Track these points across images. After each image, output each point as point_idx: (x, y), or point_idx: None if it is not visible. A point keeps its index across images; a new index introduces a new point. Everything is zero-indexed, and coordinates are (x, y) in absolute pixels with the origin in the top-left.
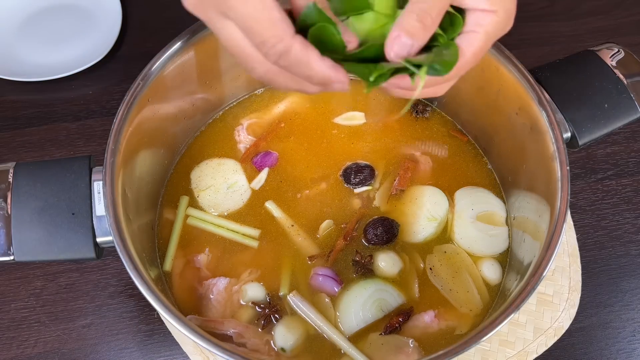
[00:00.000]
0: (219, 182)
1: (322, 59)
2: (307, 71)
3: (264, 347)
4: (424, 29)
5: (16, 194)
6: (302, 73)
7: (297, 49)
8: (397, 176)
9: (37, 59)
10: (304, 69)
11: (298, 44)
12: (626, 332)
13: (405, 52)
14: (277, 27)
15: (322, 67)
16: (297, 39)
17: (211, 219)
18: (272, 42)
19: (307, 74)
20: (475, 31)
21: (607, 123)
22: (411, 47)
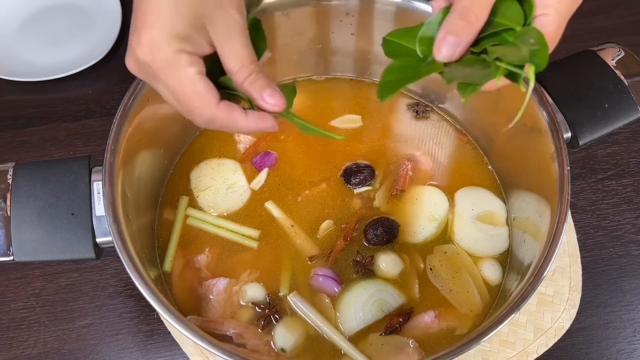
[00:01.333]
0: (218, 182)
1: (246, 117)
2: (236, 129)
3: (264, 348)
4: (468, 26)
5: (16, 194)
6: (233, 130)
7: (223, 115)
8: (397, 176)
9: (37, 59)
10: (233, 128)
11: (222, 110)
12: (627, 332)
13: (451, 52)
14: (203, 99)
15: (249, 123)
16: (221, 106)
17: (211, 219)
18: (199, 112)
19: (237, 130)
20: (546, 13)
21: (608, 123)
22: (457, 46)
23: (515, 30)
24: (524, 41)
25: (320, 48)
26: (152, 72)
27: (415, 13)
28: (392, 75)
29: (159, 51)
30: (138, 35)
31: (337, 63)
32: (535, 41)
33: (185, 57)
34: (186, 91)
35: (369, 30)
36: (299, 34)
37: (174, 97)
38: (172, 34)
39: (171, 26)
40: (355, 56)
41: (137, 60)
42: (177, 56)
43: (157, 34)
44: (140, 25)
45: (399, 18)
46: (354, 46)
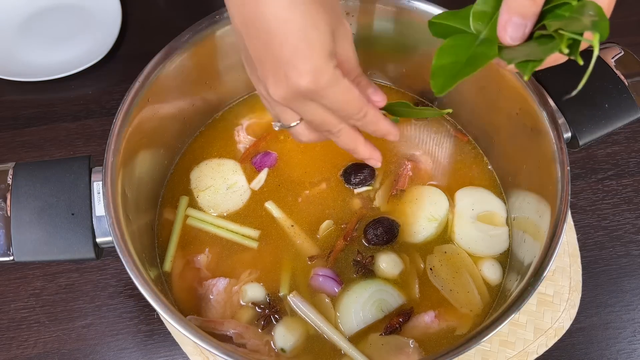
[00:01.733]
0: (218, 182)
1: (386, 118)
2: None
3: (264, 348)
4: (533, 4)
5: (16, 194)
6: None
7: (372, 113)
8: (397, 176)
9: (37, 59)
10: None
11: (372, 109)
12: (627, 332)
13: (521, 34)
14: (359, 101)
15: (386, 124)
16: (370, 105)
17: (211, 219)
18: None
19: (374, 129)
20: None
21: (608, 123)
22: (525, 27)
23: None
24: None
25: None
26: (313, 96)
27: (415, 13)
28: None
29: (323, 75)
30: (294, 67)
31: None
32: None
33: (338, 70)
34: (347, 99)
35: (369, 30)
36: None
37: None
38: (327, 55)
39: (324, 48)
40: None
41: (296, 90)
42: (335, 73)
43: (318, 60)
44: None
45: (399, 18)
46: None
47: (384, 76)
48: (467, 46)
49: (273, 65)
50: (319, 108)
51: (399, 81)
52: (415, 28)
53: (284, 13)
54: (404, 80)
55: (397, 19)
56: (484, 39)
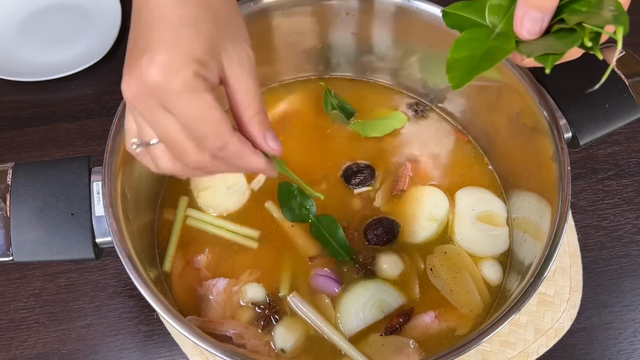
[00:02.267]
0: (218, 182)
1: (255, 153)
2: (242, 163)
3: (264, 348)
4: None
5: (15, 194)
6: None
7: (235, 145)
8: (397, 176)
9: (37, 59)
10: (239, 161)
11: (236, 140)
12: (627, 332)
13: (538, 28)
14: (219, 125)
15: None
16: (235, 136)
17: (210, 219)
18: (212, 138)
19: (241, 164)
20: None
21: (608, 123)
22: (542, 21)
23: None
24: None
25: (321, 48)
26: (160, 97)
27: (415, 13)
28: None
29: (177, 74)
30: (150, 56)
31: (337, 63)
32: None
33: (203, 82)
34: (202, 117)
35: (369, 30)
36: (299, 34)
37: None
38: (192, 58)
39: (192, 49)
40: (355, 56)
41: (144, 83)
42: (195, 80)
43: (176, 56)
44: (153, 45)
45: (399, 18)
46: (354, 46)
47: (383, 76)
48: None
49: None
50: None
51: (398, 81)
52: (415, 28)
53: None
54: (403, 80)
55: (397, 19)
56: (500, 32)
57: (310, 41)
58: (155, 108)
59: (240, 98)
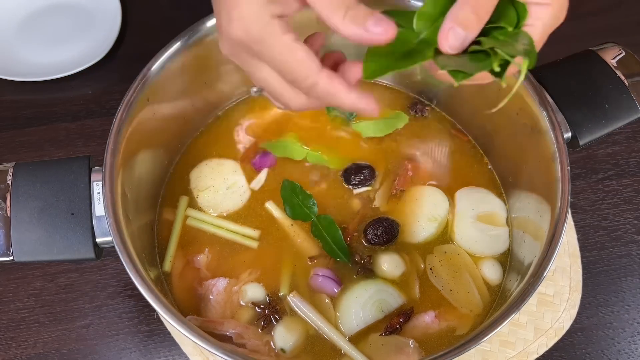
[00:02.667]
0: (218, 182)
1: (349, 91)
2: (336, 101)
3: (264, 348)
4: (477, 20)
5: (15, 194)
6: (332, 103)
7: (324, 83)
8: (397, 176)
9: (37, 59)
10: (333, 99)
11: (324, 78)
12: (627, 332)
13: (459, 44)
14: (304, 66)
15: (350, 98)
16: (323, 73)
17: (210, 219)
18: (301, 80)
19: (336, 102)
20: (533, 24)
21: (608, 123)
22: (465, 39)
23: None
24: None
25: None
26: (248, 49)
27: None
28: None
29: (252, 24)
30: (227, 14)
31: None
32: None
33: (279, 23)
34: (287, 60)
35: None
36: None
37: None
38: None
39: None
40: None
41: (231, 40)
42: (271, 25)
43: (246, 6)
44: (226, 3)
45: None
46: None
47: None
48: (407, 41)
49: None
50: (266, 70)
51: (398, 81)
52: None
53: None
54: (402, 79)
55: None
56: (424, 39)
57: None
58: (248, 59)
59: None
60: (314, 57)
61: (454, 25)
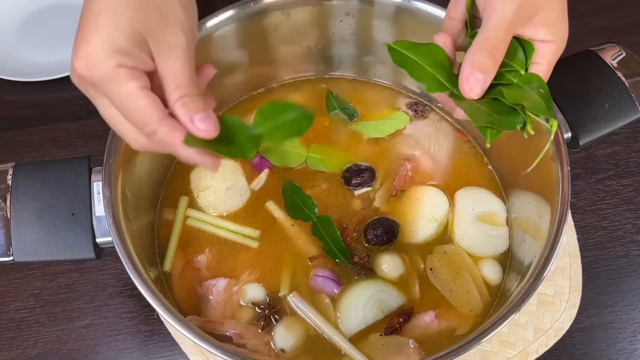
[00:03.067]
0: (218, 182)
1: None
2: (175, 152)
3: (264, 348)
4: (494, 63)
5: (15, 195)
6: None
7: (163, 134)
8: (397, 176)
9: (37, 59)
10: (172, 150)
11: (164, 128)
12: (627, 332)
13: (480, 89)
14: (144, 114)
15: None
16: (163, 123)
17: (211, 219)
18: (140, 125)
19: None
20: (539, 62)
21: (608, 123)
22: (484, 83)
23: (520, 73)
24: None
25: (321, 48)
26: (92, 85)
27: (415, 13)
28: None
29: (97, 65)
30: (77, 47)
31: (337, 63)
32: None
33: (125, 71)
34: (128, 107)
35: (369, 30)
36: (299, 34)
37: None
38: (111, 48)
39: (110, 39)
40: (355, 56)
41: (77, 73)
42: (116, 71)
43: (95, 48)
44: (80, 36)
45: (399, 18)
46: (354, 46)
47: (383, 76)
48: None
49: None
50: (108, 107)
51: (398, 81)
52: (414, 28)
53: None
54: (402, 80)
55: (397, 19)
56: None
57: (310, 41)
58: (93, 94)
59: (166, 82)
60: (156, 106)
61: (474, 71)
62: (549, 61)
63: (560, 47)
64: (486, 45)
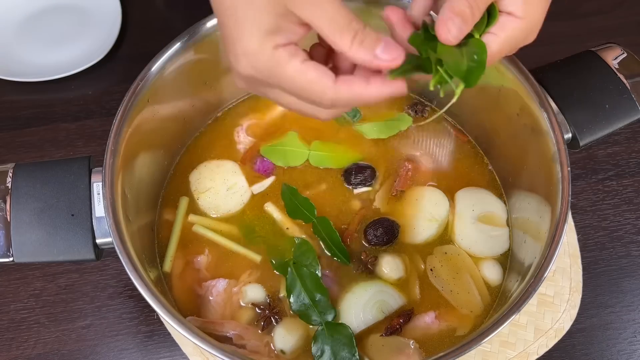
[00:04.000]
0: (218, 183)
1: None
2: (363, 102)
3: (264, 349)
4: (472, 16)
5: (15, 195)
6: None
7: (344, 92)
8: (397, 177)
9: (37, 59)
10: (359, 102)
11: (342, 88)
12: (627, 333)
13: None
14: (318, 84)
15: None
16: (338, 84)
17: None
18: (319, 100)
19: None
20: (496, 34)
21: (608, 124)
22: (461, 31)
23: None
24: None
25: None
26: (261, 82)
27: None
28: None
29: (257, 58)
30: (233, 50)
31: None
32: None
33: (283, 51)
34: (301, 85)
35: None
36: None
37: (295, 95)
38: (261, 34)
39: (257, 27)
40: None
41: (242, 77)
42: (276, 55)
43: (248, 42)
44: (230, 41)
45: None
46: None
47: None
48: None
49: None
50: (285, 96)
51: None
52: None
53: None
54: None
55: None
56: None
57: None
58: (265, 90)
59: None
60: (325, 73)
61: (453, 16)
62: (509, 36)
63: (527, 28)
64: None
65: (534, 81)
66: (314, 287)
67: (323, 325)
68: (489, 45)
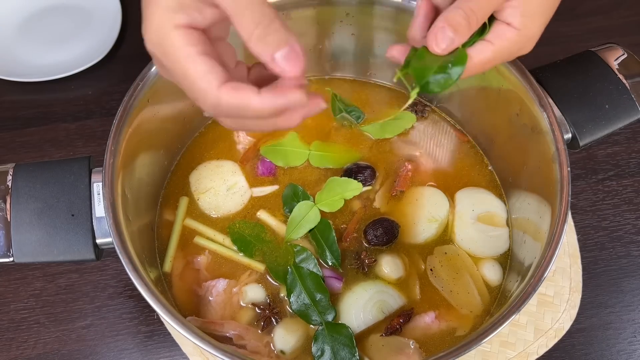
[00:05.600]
0: (218, 184)
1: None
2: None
3: (264, 349)
4: (467, 27)
5: (15, 195)
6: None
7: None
8: (397, 177)
9: (37, 59)
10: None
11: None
12: (627, 333)
13: (445, 44)
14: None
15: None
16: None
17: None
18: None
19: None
20: (492, 42)
21: (608, 124)
22: (452, 42)
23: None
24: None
25: (321, 49)
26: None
27: None
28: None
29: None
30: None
31: (337, 64)
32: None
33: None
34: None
35: (369, 31)
36: (300, 35)
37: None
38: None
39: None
40: (355, 57)
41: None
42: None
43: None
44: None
45: (399, 18)
46: (354, 47)
47: (383, 77)
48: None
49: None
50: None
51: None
52: None
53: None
54: None
55: (396, 19)
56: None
57: (310, 42)
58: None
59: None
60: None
61: (445, 26)
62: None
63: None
64: (464, 6)
65: (533, 81)
66: (314, 286)
67: (323, 325)
68: (482, 52)
